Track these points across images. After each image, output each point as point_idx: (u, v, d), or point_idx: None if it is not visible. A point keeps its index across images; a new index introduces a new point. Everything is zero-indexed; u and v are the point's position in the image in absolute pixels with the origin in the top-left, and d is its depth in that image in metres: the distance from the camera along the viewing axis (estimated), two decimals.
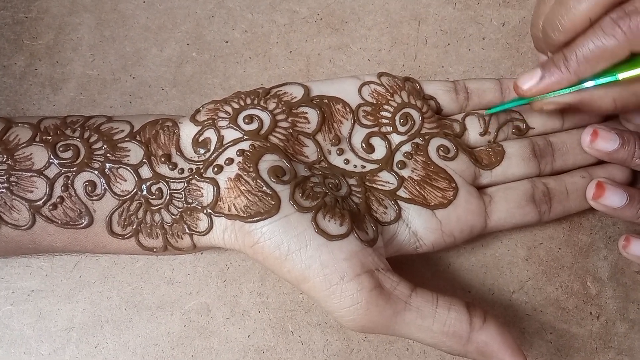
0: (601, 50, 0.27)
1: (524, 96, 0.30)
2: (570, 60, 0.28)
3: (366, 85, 0.32)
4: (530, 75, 0.30)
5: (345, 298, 0.27)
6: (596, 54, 0.27)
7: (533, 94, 0.30)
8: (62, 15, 0.36)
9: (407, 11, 0.38)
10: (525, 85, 0.30)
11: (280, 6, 0.37)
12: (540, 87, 0.29)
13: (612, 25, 0.26)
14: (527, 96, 0.30)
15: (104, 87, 0.35)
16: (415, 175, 0.31)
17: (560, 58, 0.29)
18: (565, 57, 0.28)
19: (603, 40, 0.27)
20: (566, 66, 0.28)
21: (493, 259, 0.35)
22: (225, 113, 0.30)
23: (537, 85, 0.29)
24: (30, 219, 0.28)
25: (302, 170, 0.30)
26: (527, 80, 0.30)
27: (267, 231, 0.27)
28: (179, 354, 0.33)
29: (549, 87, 0.29)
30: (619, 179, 0.34)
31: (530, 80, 0.29)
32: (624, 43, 0.26)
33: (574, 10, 0.27)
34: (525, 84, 0.30)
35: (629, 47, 0.26)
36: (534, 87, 0.29)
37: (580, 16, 0.27)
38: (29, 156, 0.28)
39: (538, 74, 0.29)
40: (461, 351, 0.28)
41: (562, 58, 0.28)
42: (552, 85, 0.29)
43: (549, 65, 0.29)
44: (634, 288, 0.35)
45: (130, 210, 0.28)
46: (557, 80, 0.29)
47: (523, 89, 0.30)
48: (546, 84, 0.29)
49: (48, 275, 0.33)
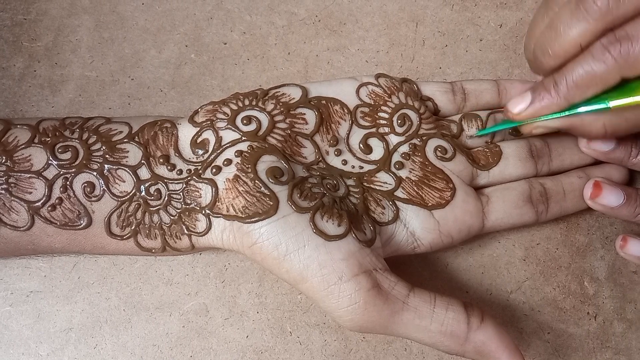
0: (591, 76, 0.26)
1: (514, 120, 0.30)
2: (561, 85, 0.28)
3: (364, 86, 0.32)
4: (520, 99, 0.29)
5: (343, 298, 0.27)
6: (586, 79, 0.27)
7: (522, 118, 0.30)
8: (61, 17, 0.36)
9: (404, 13, 0.38)
10: (515, 109, 0.29)
11: (278, 8, 0.37)
12: (529, 111, 0.29)
13: (603, 51, 0.26)
14: (517, 120, 0.30)
15: (103, 89, 0.36)
16: (413, 176, 0.31)
17: (550, 82, 0.28)
18: (556, 82, 0.28)
19: (593, 65, 0.26)
20: (556, 91, 0.28)
21: (491, 259, 0.35)
22: (223, 114, 0.30)
23: (526, 110, 0.29)
24: (29, 220, 0.28)
25: (300, 171, 0.30)
26: (517, 104, 0.29)
27: (266, 232, 0.27)
28: (178, 355, 0.33)
29: (539, 111, 0.29)
30: (616, 179, 0.34)
31: (520, 104, 0.29)
32: (614, 69, 0.26)
33: (564, 36, 0.27)
34: (515, 108, 0.29)
35: (619, 72, 0.26)
36: (524, 111, 0.29)
37: (570, 42, 0.27)
38: (28, 157, 0.28)
39: (528, 98, 0.29)
40: (459, 351, 0.28)
41: (552, 82, 0.28)
42: (542, 109, 0.29)
43: (540, 90, 0.29)
44: (631, 288, 0.35)
45: (128, 211, 0.29)
46: (547, 105, 0.28)
47: (513, 113, 0.30)
48: (536, 108, 0.29)
49: (47, 276, 0.33)
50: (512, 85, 0.35)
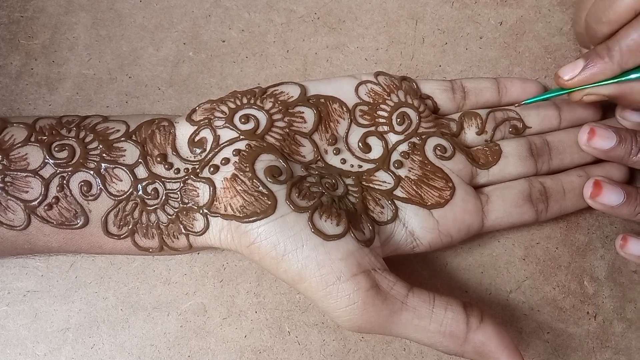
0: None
1: (565, 86, 0.30)
2: (614, 51, 0.28)
3: (363, 84, 0.32)
4: (573, 66, 0.30)
5: (342, 298, 0.27)
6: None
7: (574, 84, 0.30)
8: (58, 14, 0.36)
9: (404, 10, 0.38)
10: (567, 75, 0.30)
11: (277, 5, 0.37)
12: (582, 77, 0.29)
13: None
14: (568, 87, 0.30)
15: (100, 87, 0.35)
16: (412, 175, 0.31)
17: (603, 48, 0.28)
18: (609, 48, 0.28)
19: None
20: (609, 56, 0.28)
21: (490, 258, 0.35)
22: (221, 113, 0.30)
23: (579, 76, 0.29)
24: (26, 220, 0.28)
25: (299, 170, 0.29)
26: (569, 70, 0.30)
27: (264, 231, 0.27)
28: (176, 355, 0.32)
29: (592, 77, 0.29)
30: (616, 177, 0.34)
31: (572, 71, 0.29)
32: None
33: (619, 2, 0.27)
34: (567, 74, 0.30)
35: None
36: (576, 77, 0.29)
37: (625, 7, 0.27)
38: (24, 156, 0.28)
39: (580, 64, 0.29)
40: (458, 351, 0.28)
41: (605, 49, 0.28)
42: (595, 75, 0.29)
43: (592, 56, 0.29)
44: (631, 287, 0.35)
45: (126, 211, 0.28)
46: (600, 71, 0.28)
47: (564, 79, 0.30)
48: (588, 74, 0.29)
49: (44, 275, 0.33)
50: (512, 83, 0.35)
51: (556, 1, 0.38)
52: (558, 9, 0.38)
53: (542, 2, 0.38)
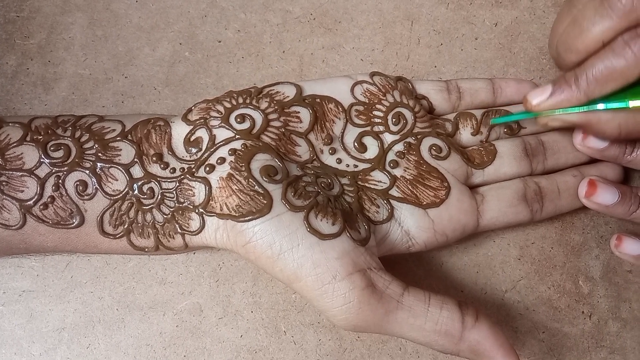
0: (611, 71, 0.27)
1: (532, 111, 0.30)
2: (581, 79, 0.28)
3: (359, 84, 0.32)
4: (541, 90, 0.30)
5: (338, 297, 0.27)
6: (606, 74, 0.27)
7: (541, 109, 0.30)
8: (54, 14, 0.36)
9: (400, 11, 0.38)
10: (535, 100, 0.30)
11: (273, 6, 0.37)
12: (549, 103, 0.29)
13: (624, 46, 0.26)
14: (536, 111, 0.30)
15: (96, 87, 0.35)
16: (408, 175, 0.31)
17: (571, 76, 0.29)
18: (576, 76, 0.28)
19: (613, 60, 0.27)
20: (576, 85, 0.28)
21: (485, 258, 0.35)
22: (217, 112, 0.30)
23: (546, 101, 0.29)
24: (21, 219, 0.28)
25: (295, 169, 0.30)
26: (538, 95, 0.30)
27: (259, 230, 0.27)
28: (171, 354, 0.32)
29: (558, 104, 0.29)
30: (611, 177, 0.34)
31: (540, 96, 0.30)
32: (634, 64, 0.26)
33: (587, 32, 0.27)
34: (535, 99, 0.30)
35: (638, 68, 0.26)
36: (543, 103, 0.30)
37: (593, 38, 0.27)
38: (20, 156, 0.28)
39: (549, 90, 0.29)
40: (453, 350, 0.28)
41: (573, 76, 0.29)
42: (561, 102, 0.29)
43: (560, 82, 0.29)
44: (625, 287, 0.35)
45: (121, 210, 0.28)
46: (567, 98, 0.29)
47: (532, 104, 0.30)
48: (555, 100, 0.29)
49: (39, 275, 0.33)
50: (507, 84, 0.35)
51: (551, 2, 0.38)
52: (553, 10, 0.38)
53: (536, 3, 0.38)
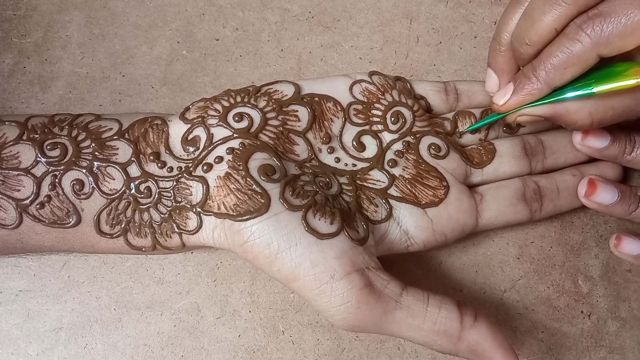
0: (567, 56, 0.27)
1: (499, 112, 0.30)
2: (539, 70, 0.28)
3: (357, 83, 0.32)
4: (504, 90, 0.30)
5: (336, 297, 0.27)
6: (563, 60, 0.27)
7: (507, 108, 0.30)
8: (51, 12, 0.36)
9: (398, 9, 0.38)
10: (500, 101, 0.30)
11: (271, 4, 0.37)
12: (513, 100, 0.29)
13: (577, 30, 0.26)
14: (503, 111, 0.30)
15: (94, 86, 0.35)
16: (407, 174, 0.31)
17: (529, 69, 0.28)
18: (534, 68, 0.28)
19: (569, 45, 0.26)
20: (535, 76, 0.28)
21: (484, 257, 0.35)
22: (215, 111, 0.30)
23: (510, 99, 0.29)
24: (17, 218, 0.27)
25: (293, 168, 0.29)
26: (501, 95, 0.30)
27: (257, 230, 0.27)
28: (169, 354, 0.32)
29: (522, 99, 0.29)
30: (610, 176, 0.34)
31: (504, 96, 0.29)
32: (590, 46, 0.26)
33: (539, 22, 0.27)
34: (500, 100, 0.30)
35: (595, 50, 0.26)
36: (508, 102, 0.29)
37: (546, 27, 0.27)
38: (16, 154, 0.28)
39: (510, 88, 0.29)
40: (452, 350, 0.27)
41: (530, 69, 0.28)
42: (524, 97, 0.29)
43: (520, 78, 0.29)
44: (625, 286, 0.35)
45: (118, 209, 0.28)
46: (529, 91, 0.28)
47: (499, 105, 0.30)
48: (518, 95, 0.29)
49: (36, 275, 0.33)
50: None
51: None
52: None
53: None
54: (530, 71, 0.28)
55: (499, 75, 0.31)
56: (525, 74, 0.29)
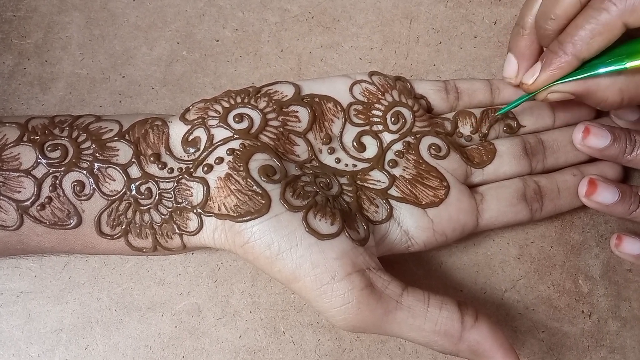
0: (594, 26, 0.27)
1: (529, 91, 0.30)
2: (566, 43, 0.28)
3: (357, 84, 0.32)
4: (533, 69, 0.30)
5: (336, 297, 0.27)
6: (589, 30, 0.27)
7: (537, 87, 0.30)
8: (51, 14, 0.36)
9: (398, 9, 0.38)
10: (530, 80, 0.30)
11: (271, 4, 0.37)
12: (542, 77, 0.29)
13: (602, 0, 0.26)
14: (532, 90, 0.30)
15: (94, 87, 0.35)
16: (407, 174, 0.31)
17: (555, 45, 0.29)
18: (560, 42, 0.28)
19: (595, 15, 0.27)
20: (563, 49, 0.28)
21: (485, 257, 0.35)
22: (215, 112, 0.30)
23: (540, 76, 0.29)
24: (18, 220, 0.27)
25: (293, 169, 0.29)
26: (530, 74, 0.30)
27: (258, 231, 0.27)
28: (170, 355, 0.32)
29: (551, 75, 0.29)
30: (611, 176, 0.34)
31: (533, 75, 0.30)
32: (616, 14, 0.26)
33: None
34: (529, 79, 0.30)
35: (621, 18, 0.26)
36: (538, 79, 0.29)
37: (570, 1, 0.27)
38: (17, 156, 0.28)
39: (539, 66, 0.29)
40: (453, 350, 0.27)
41: (557, 44, 0.28)
42: (554, 71, 0.29)
43: (547, 54, 0.29)
44: (625, 286, 0.35)
45: (119, 210, 0.28)
46: (557, 66, 0.29)
47: (528, 84, 0.30)
48: (547, 72, 0.29)
49: (37, 276, 0.33)
50: (505, 85, 0.34)
51: None
52: None
53: None
54: (557, 46, 0.28)
55: (519, 59, 0.31)
56: (552, 49, 0.29)
